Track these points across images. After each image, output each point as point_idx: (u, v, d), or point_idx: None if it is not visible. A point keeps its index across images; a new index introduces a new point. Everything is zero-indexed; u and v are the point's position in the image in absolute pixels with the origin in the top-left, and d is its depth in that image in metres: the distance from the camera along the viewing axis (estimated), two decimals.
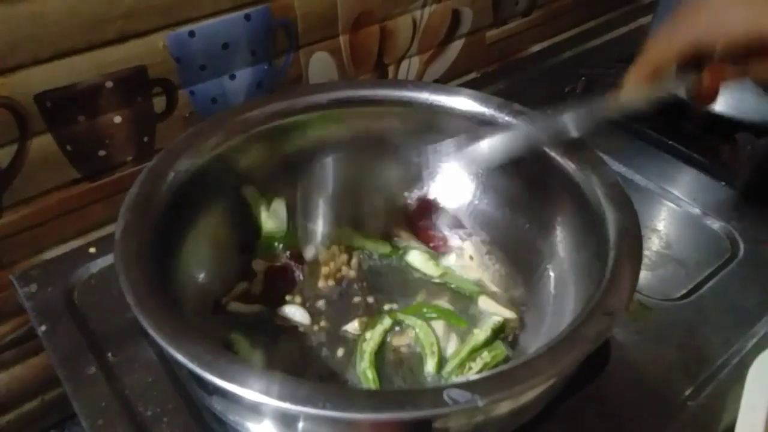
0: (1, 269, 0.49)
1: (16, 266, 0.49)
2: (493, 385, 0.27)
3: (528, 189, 0.46)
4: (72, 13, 0.43)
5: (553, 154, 0.43)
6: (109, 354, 0.42)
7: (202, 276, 0.42)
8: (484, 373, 0.27)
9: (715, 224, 0.54)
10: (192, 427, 0.37)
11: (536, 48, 0.82)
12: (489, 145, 0.43)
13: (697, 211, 0.55)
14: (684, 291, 0.48)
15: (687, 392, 0.41)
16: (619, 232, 0.35)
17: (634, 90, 0.41)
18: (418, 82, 0.59)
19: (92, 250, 0.48)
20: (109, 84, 0.47)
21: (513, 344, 0.43)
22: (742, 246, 0.51)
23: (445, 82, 0.73)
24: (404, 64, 0.67)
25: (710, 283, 0.49)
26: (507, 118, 0.45)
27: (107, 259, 0.47)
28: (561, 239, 0.43)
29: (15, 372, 0.53)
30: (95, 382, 0.40)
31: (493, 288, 0.47)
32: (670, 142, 0.62)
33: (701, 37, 0.38)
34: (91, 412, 0.38)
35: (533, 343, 0.41)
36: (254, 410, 0.30)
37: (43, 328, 0.43)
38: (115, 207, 0.50)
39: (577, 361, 0.28)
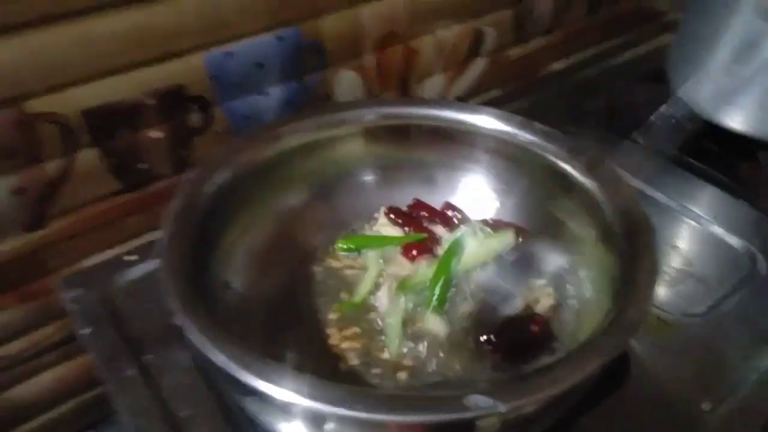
0: (46, 275, 0.51)
1: (61, 272, 0.52)
2: (515, 392, 0.28)
3: (548, 205, 0.47)
4: (117, 34, 0.45)
5: (573, 171, 0.44)
6: (148, 356, 0.44)
7: (237, 284, 0.44)
8: (506, 381, 0.29)
9: (736, 242, 0.54)
10: (225, 428, 0.39)
11: (558, 66, 0.83)
12: None
13: (717, 228, 0.56)
14: (704, 307, 0.49)
15: (705, 408, 0.41)
16: (637, 248, 0.36)
17: None
18: (442, 100, 0.61)
19: (131, 257, 0.50)
20: (150, 101, 0.49)
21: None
22: (761, 264, 0.52)
23: (468, 99, 0.74)
24: (428, 82, 0.69)
25: (730, 300, 0.49)
26: (528, 137, 0.47)
27: (146, 266, 0.49)
28: (580, 255, 0.44)
29: (56, 372, 0.56)
30: (135, 384, 0.42)
31: None
32: (690, 160, 0.63)
33: None
34: (131, 412, 0.40)
35: (551, 353, 0.42)
36: (287, 410, 0.31)
37: (86, 331, 0.45)
38: (153, 216, 0.54)
39: (597, 370, 0.30)
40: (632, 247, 0.37)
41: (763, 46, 0.57)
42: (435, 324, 0.44)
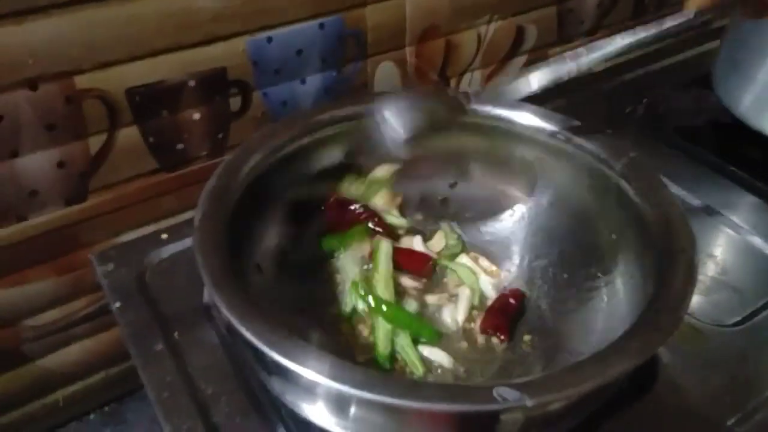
0: (82, 248, 0.53)
1: (96, 246, 0.53)
2: (542, 387, 0.28)
3: (584, 204, 0.47)
4: (165, 15, 0.46)
5: (613, 173, 0.44)
6: (176, 333, 0.44)
7: (266, 268, 0.44)
8: (533, 376, 0.28)
9: None
10: (248, 407, 0.40)
11: (599, 67, 0.82)
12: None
13: (756, 239, 0.54)
14: (737, 318, 0.47)
15: (732, 420, 0.40)
16: (676, 253, 0.36)
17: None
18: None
19: (164, 236, 0.51)
20: (192, 83, 0.50)
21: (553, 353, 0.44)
22: None
23: None
24: (466, 77, 0.69)
25: (765, 312, 0.48)
26: (568, 135, 0.46)
27: (177, 245, 0.50)
28: (617, 254, 0.44)
29: (85, 345, 0.57)
30: (162, 359, 0.42)
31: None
32: (731, 168, 0.61)
33: None
34: (157, 386, 0.41)
35: (580, 353, 0.41)
36: (311, 391, 0.32)
37: (117, 305, 0.46)
38: (187, 197, 0.55)
39: (626, 371, 0.29)
40: (671, 253, 0.36)
41: None
42: (438, 355, 0.44)
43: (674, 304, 0.32)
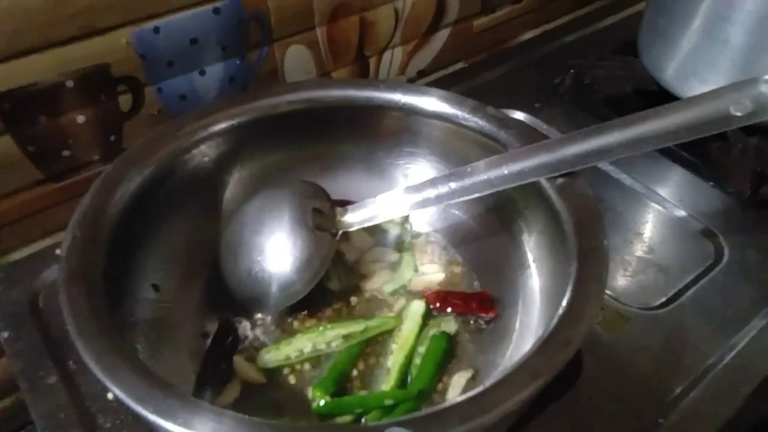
0: None
1: None
2: (439, 423, 0.26)
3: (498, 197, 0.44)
4: (25, 10, 0.41)
5: None
6: (71, 362, 0.41)
7: (165, 287, 0.41)
8: (430, 410, 0.26)
9: (700, 227, 0.52)
10: None
11: (527, 36, 0.79)
12: None
13: (682, 213, 0.53)
14: (663, 299, 0.47)
15: (660, 408, 0.40)
16: (584, 253, 0.34)
17: None
18: (390, 82, 0.56)
19: (59, 251, 0.47)
20: (70, 83, 0.45)
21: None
22: (726, 251, 0.50)
23: (430, 72, 0.71)
24: (386, 55, 0.65)
25: (691, 291, 0.47)
26: (480, 123, 0.44)
27: None
28: (532, 255, 0.42)
29: None
30: (55, 392, 0.39)
31: None
32: None
33: None
34: (49, 424, 0.38)
35: (497, 356, 0.40)
36: None
37: (5, 334, 0.42)
38: None
39: (531, 395, 0.27)
40: (579, 252, 0.34)
41: (734, 20, 0.53)
42: None
43: (581, 315, 0.30)
